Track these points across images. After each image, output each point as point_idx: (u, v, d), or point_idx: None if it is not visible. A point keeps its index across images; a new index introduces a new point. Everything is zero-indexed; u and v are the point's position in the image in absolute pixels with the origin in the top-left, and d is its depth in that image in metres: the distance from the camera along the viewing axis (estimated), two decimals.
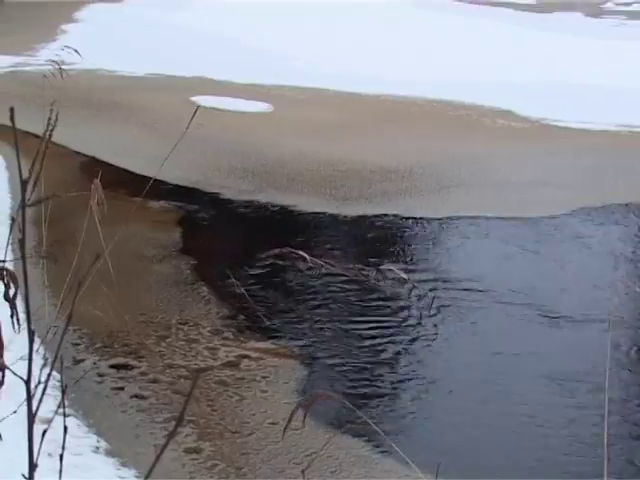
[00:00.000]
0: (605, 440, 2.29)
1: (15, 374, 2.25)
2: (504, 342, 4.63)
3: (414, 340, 4.57)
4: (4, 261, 2.67)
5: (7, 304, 2.48)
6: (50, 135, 2.60)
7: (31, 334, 2.50)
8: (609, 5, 19.36)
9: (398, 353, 4.44)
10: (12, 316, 2.43)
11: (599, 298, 5.09)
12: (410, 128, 8.65)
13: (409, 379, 4.22)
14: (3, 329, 2.60)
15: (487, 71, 10.76)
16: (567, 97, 9.76)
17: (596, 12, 17.79)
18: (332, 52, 11.40)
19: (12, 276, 2.46)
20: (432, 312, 4.83)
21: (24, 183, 2.48)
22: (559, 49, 12.25)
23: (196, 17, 13.72)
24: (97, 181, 2.60)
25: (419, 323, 4.73)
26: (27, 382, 2.24)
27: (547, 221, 6.39)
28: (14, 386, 2.13)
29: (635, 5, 19.43)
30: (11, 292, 2.44)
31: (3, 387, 2.45)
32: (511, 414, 3.93)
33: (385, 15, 14.17)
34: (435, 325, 4.71)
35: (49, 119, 2.66)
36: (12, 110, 2.76)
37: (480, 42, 12.42)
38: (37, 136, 5.47)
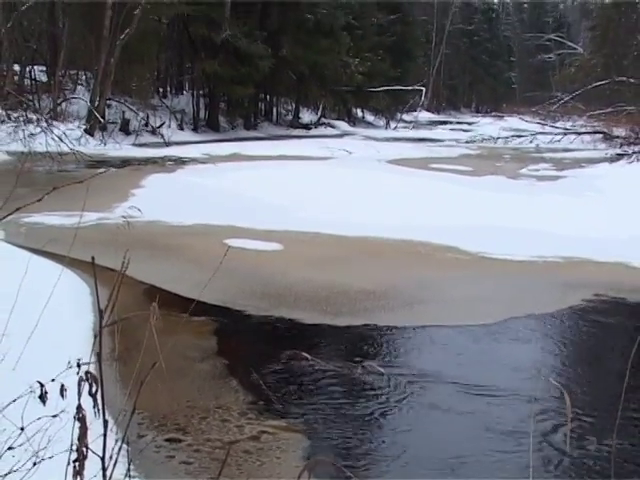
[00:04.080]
0: None
1: (94, 452, 2.28)
2: (452, 414, 4.60)
3: (391, 416, 4.54)
4: (88, 364, 2.73)
5: (90, 398, 2.52)
6: (123, 274, 2.68)
7: (105, 423, 2.53)
8: (524, 171, 19.84)
9: (381, 427, 4.42)
10: (94, 407, 2.48)
11: (525, 383, 5.09)
12: (383, 260, 8.74)
13: (390, 446, 4.19)
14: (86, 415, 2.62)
15: (437, 218, 10.93)
16: (496, 236, 9.90)
17: (515, 176, 18.20)
18: (326, 207, 11.60)
19: (94, 378, 2.52)
20: (403, 396, 4.82)
21: (101, 312, 2.55)
22: (489, 202, 12.45)
23: (226, 183, 13.99)
24: (154, 304, 2.66)
25: (395, 404, 4.71)
26: (102, 458, 2.27)
27: (485, 327, 6.42)
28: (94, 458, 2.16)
29: (542, 171, 19.93)
30: (93, 389, 2.49)
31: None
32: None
33: (361, 182, 14.43)
34: (405, 405, 4.69)
35: (123, 262, 2.75)
36: (93, 259, 2.84)
37: (430, 197, 12.62)
38: (113, 270, 5.54)
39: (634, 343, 2.34)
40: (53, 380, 2.55)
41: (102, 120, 26.21)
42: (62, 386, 2.53)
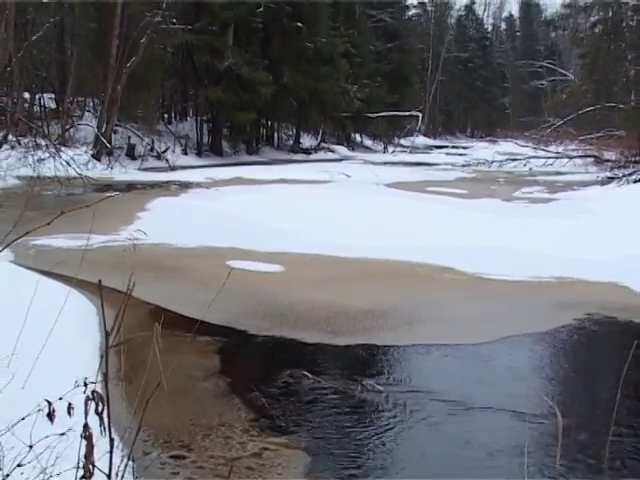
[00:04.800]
0: None
1: (100, 470, 2.28)
2: (449, 430, 4.59)
3: (390, 433, 4.53)
4: (95, 383, 2.74)
5: (97, 416, 2.52)
6: (129, 296, 2.70)
7: (111, 441, 2.54)
8: (518, 193, 19.89)
9: (380, 443, 4.40)
10: (100, 425, 2.49)
11: (520, 400, 5.08)
12: (382, 281, 8.73)
13: (388, 462, 4.18)
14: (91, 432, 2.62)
15: (434, 239, 10.94)
16: (491, 257, 9.90)
17: (509, 198, 18.25)
18: (326, 229, 11.63)
19: (100, 397, 2.52)
20: (401, 414, 4.81)
21: (107, 333, 2.56)
22: (484, 224, 12.47)
23: (228, 206, 14.02)
24: (157, 324, 2.68)
25: (393, 421, 4.70)
26: (108, 475, 2.27)
27: (482, 346, 6.41)
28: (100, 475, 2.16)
29: (536, 193, 19.99)
30: (99, 408, 2.50)
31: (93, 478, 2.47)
32: None
33: (360, 205, 14.46)
34: (403, 422, 4.68)
35: (128, 285, 2.77)
36: (100, 282, 2.86)
37: (428, 219, 12.64)
38: (119, 291, 5.55)
39: (624, 360, 2.35)
40: (61, 399, 2.55)
41: (109, 145, 26.32)
42: (69, 405, 2.54)
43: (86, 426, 2.41)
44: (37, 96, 28.90)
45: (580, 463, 4.15)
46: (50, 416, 2.55)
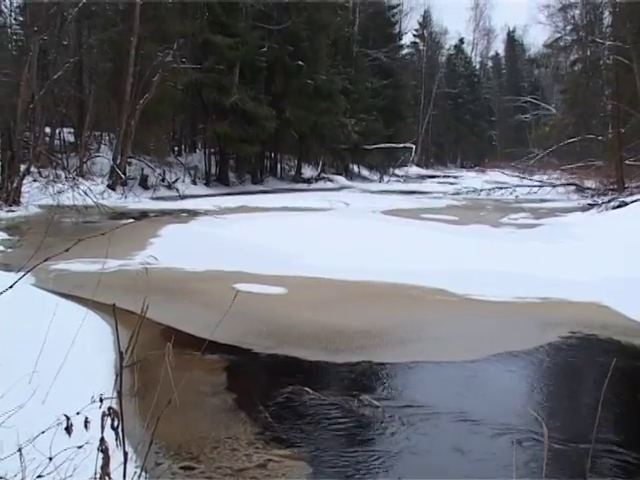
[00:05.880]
0: None
1: None
2: (441, 440, 4.58)
3: (386, 444, 4.52)
4: (110, 398, 2.75)
5: (112, 431, 2.54)
6: (143, 318, 2.73)
7: (125, 454, 2.55)
8: (505, 220, 19.92)
9: (377, 454, 4.39)
10: (116, 439, 2.50)
11: (507, 413, 5.07)
12: (379, 302, 8.73)
13: (385, 471, 4.17)
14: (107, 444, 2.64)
15: (427, 263, 10.94)
16: (480, 279, 9.90)
17: (497, 224, 18.28)
18: (327, 254, 11.63)
19: (115, 412, 2.54)
20: (396, 426, 4.80)
21: (121, 354, 2.59)
22: (474, 248, 12.48)
23: (234, 232, 14.05)
24: (169, 344, 2.70)
25: (389, 433, 4.69)
26: None
27: (472, 363, 6.40)
28: None
29: (521, 219, 20.01)
30: (115, 423, 2.52)
31: None
32: None
33: (358, 231, 14.47)
34: (398, 433, 4.67)
35: (142, 308, 2.79)
36: (114, 306, 2.89)
37: (421, 244, 12.65)
38: (132, 312, 5.58)
39: (605, 375, 2.37)
40: (78, 413, 2.57)
41: (123, 176, 26.46)
42: (86, 419, 2.56)
43: (102, 440, 2.42)
44: (57, 131, 29.14)
45: (565, 470, 4.14)
46: (68, 430, 2.56)
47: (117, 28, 27.62)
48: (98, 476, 2.43)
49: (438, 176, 54.87)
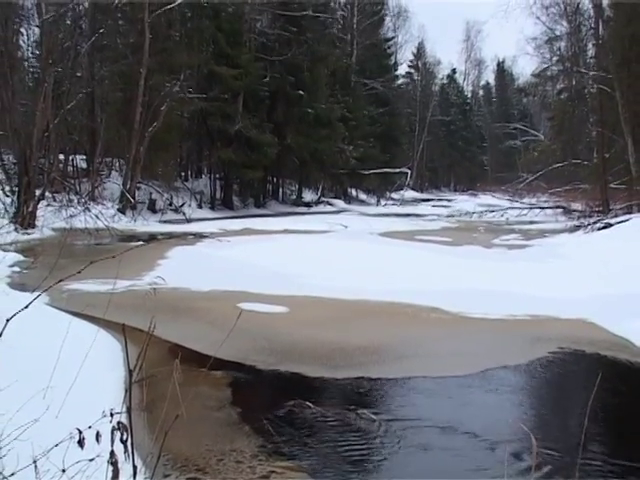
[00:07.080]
0: None
1: None
2: (436, 453, 4.57)
3: (383, 456, 4.52)
4: (120, 413, 2.77)
5: (122, 445, 2.55)
6: (150, 336, 2.75)
7: (135, 468, 2.57)
8: (496, 241, 19.94)
9: (374, 465, 4.40)
10: (125, 452, 2.52)
11: (499, 427, 5.07)
12: (376, 320, 8.73)
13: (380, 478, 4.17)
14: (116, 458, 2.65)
15: (422, 282, 10.96)
16: (473, 298, 9.91)
17: (489, 245, 18.30)
18: (326, 274, 11.65)
19: (124, 427, 2.56)
20: (392, 439, 4.80)
21: (131, 372, 2.61)
22: (467, 268, 12.50)
23: (237, 254, 14.09)
24: (177, 361, 2.72)
25: (385, 446, 4.69)
26: None
27: (465, 378, 6.40)
28: None
29: (512, 240, 20.03)
30: (124, 437, 2.53)
31: None
32: None
33: (356, 252, 14.49)
34: (394, 446, 4.67)
35: (149, 327, 2.83)
36: (124, 325, 2.90)
37: (416, 264, 12.67)
38: (141, 330, 5.58)
39: (592, 388, 2.40)
40: (90, 427, 2.58)
41: (132, 200, 26.55)
42: (97, 433, 2.57)
43: (112, 453, 2.43)
44: (70, 157, 29.29)
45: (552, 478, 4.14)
46: (81, 443, 2.58)
47: (127, 60, 27.90)
48: None
49: (432, 199, 54.96)
